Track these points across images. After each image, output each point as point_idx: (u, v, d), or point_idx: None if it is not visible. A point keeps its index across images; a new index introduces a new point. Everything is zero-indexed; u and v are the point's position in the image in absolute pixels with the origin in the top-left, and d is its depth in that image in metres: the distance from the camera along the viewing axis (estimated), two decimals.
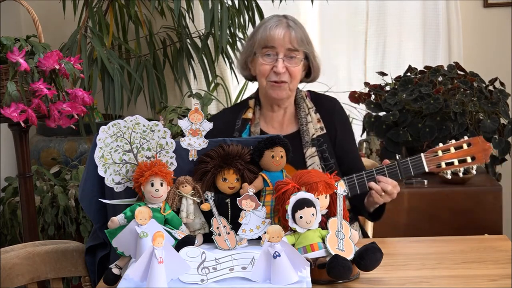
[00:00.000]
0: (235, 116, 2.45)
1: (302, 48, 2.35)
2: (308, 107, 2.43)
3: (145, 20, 3.57)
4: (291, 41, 2.33)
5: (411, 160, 2.24)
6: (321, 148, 2.37)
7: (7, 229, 3.18)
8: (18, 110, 2.36)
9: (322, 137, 2.39)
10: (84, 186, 2.04)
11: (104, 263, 2.05)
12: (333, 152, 2.39)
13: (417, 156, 2.25)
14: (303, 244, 1.82)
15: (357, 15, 3.92)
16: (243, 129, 2.41)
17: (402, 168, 2.24)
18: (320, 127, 2.41)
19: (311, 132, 2.39)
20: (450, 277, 1.84)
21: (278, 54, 2.33)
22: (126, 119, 1.99)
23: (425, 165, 2.24)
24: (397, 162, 2.25)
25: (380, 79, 3.59)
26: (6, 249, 2.01)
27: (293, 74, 2.35)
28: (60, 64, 2.44)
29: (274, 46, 2.34)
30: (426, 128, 3.23)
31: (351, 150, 2.45)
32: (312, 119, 2.41)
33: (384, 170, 2.24)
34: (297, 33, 2.34)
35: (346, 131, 2.45)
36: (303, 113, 2.42)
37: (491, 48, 3.86)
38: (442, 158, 2.24)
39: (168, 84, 3.66)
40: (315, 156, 2.35)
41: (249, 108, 2.46)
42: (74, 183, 3.18)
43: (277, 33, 2.33)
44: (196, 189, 1.96)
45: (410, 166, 2.24)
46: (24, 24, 3.73)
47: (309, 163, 2.34)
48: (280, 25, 2.35)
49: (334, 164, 2.36)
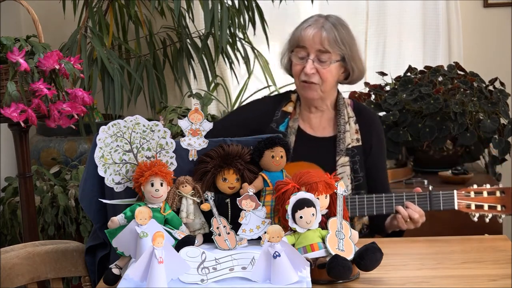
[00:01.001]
0: (275, 106, 2.43)
1: (335, 49, 2.31)
2: (349, 116, 2.40)
3: (145, 20, 3.57)
4: (322, 42, 2.30)
5: (443, 195, 2.24)
6: (354, 159, 2.35)
7: (7, 229, 3.18)
8: (18, 110, 2.36)
9: (356, 149, 2.37)
10: (84, 186, 2.04)
11: (104, 263, 2.05)
12: (363, 166, 2.37)
13: (449, 192, 2.25)
14: (303, 244, 1.82)
15: (357, 15, 3.92)
16: (281, 122, 2.39)
17: (433, 200, 2.24)
18: (356, 138, 2.38)
19: (347, 141, 2.36)
20: (450, 277, 1.84)
21: (309, 55, 2.31)
22: (126, 119, 1.99)
23: (455, 203, 2.24)
24: (429, 193, 2.24)
25: (380, 79, 3.59)
26: (6, 249, 2.01)
27: (323, 76, 2.31)
28: (60, 64, 2.44)
29: (305, 46, 2.32)
30: (426, 128, 3.22)
31: (380, 168, 2.43)
32: (351, 128, 2.38)
33: (414, 197, 2.24)
34: (329, 34, 2.30)
35: (380, 149, 2.43)
36: (343, 121, 2.39)
37: (491, 48, 3.86)
38: (474, 199, 2.26)
39: (168, 84, 3.66)
40: (346, 166, 2.33)
41: (290, 101, 2.43)
42: (74, 183, 3.18)
43: (308, 34, 2.31)
44: (196, 189, 1.96)
45: (441, 200, 2.24)
46: (24, 24, 3.73)
47: (339, 171, 2.32)
48: (314, 25, 2.32)
49: (362, 178, 2.35)
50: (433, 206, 2.24)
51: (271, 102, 2.46)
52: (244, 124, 2.27)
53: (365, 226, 2.38)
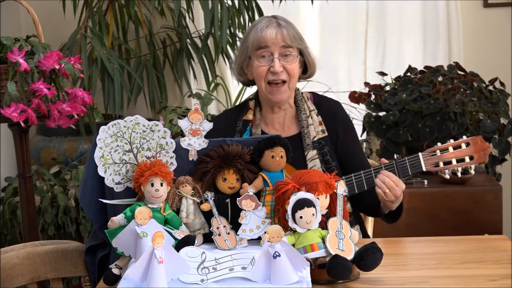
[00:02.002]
0: (235, 118, 2.45)
1: (295, 44, 2.34)
2: (310, 110, 2.42)
3: (145, 20, 3.57)
4: (284, 38, 2.33)
5: (408, 160, 2.24)
6: (322, 151, 2.37)
7: (7, 229, 3.19)
8: (18, 110, 2.36)
9: (323, 140, 2.38)
10: (84, 186, 2.04)
11: (104, 263, 2.05)
12: (334, 155, 2.38)
13: (414, 156, 2.24)
14: (303, 244, 1.82)
15: (357, 15, 3.92)
16: (244, 131, 2.41)
17: (400, 167, 2.24)
18: (321, 129, 2.39)
19: (312, 135, 2.38)
20: (450, 277, 1.84)
21: (273, 54, 2.33)
22: (126, 119, 1.99)
23: (422, 164, 2.23)
24: (395, 161, 2.24)
25: (380, 79, 3.60)
26: (6, 249, 2.01)
27: (291, 71, 2.34)
28: (60, 64, 2.44)
29: (268, 45, 2.33)
30: (426, 128, 3.23)
31: (355, 151, 2.43)
32: (314, 121, 2.40)
33: (381, 168, 2.24)
34: (288, 31, 2.34)
35: (349, 133, 2.44)
36: (304, 115, 2.40)
37: (491, 48, 3.86)
38: (440, 157, 2.23)
39: (168, 84, 3.66)
40: (316, 159, 2.34)
41: (249, 109, 2.45)
42: (74, 183, 3.18)
43: (269, 33, 2.33)
44: (196, 189, 1.96)
45: (407, 165, 2.24)
46: (24, 24, 3.73)
47: (310, 165, 2.33)
48: (271, 25, 2.35)
49: (335, 167, 2.35)
50: (402, 173, 2.23)
51: (230, 114, 2.49)
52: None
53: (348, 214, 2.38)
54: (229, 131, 2.40)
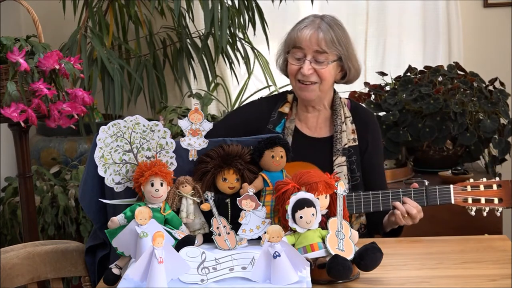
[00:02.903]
0: (271, 108, 2.43)
1: (332, 49, 2.30)
2: (345, 116, 2.39)
3: (145, 20, 3.57)
4: (319, 42, 2.29)
5: (439, 189, 2.23)
6: (351, 159, 2.35)
7: (7, 229, 3.19)
8: (18, 110, 2.36)
9: (353, 148, 2.36)
10: (84, 186, 2.04)
11: (104, 263, 2.05)
12: (360, 166, 2.37)
13: (446, 187, 2.24)
14: (303, 244, 1.82)
15: (357, 15, 3.92)
16: (278, 123, 2.39)
17: (429, 196, 2.24)
18: (353, 138, 2.38)
19: (343, 141, 2.36)
20: (450, 277, 1.84)
21: (306, 56, 2.31)
22: (126, 119, 1.99)
23: (452, 197, 2.23)
24: (425, 189, 2.23)
25: (380, 79, 3.59)
26: (6, 249, 2.01)
27: (322, 75, 2.31)
28: (60, 64, 2.44)
29: (301, 47, 2.32)
30: (426, 128, 3.22)
31: (377, 167, 2.43)
32: (347, 128, 2.38)
33: (410, 193, 2.24)
34: (326, 34, 2.29)
35: (376, 148, 2.43)
36: (339, 120, 2.38)
37: (491, 48, 3.86)
38: (470, 193, 2.24)
39: (168, 84, 3.66)
40: (343, 166, 2.33)
41: (286, 102, 2.43)
42: (74, 183, 3.18)
43: (304, 34, 2.30)
44: (196, 189, 1.96)
45: (437, 195, 2.23)
46: (24, 24, 3.73)
47: (337, 171, 2.32)
48: (310, 26, 2.31)
49: (359, 178, 2.35)
50: (430, 201, 2.23)
51: (267, 103, 2.46)
52: (241, 126, 2.27)
53: (362, 226, 2.38)
54: (262, 119, 2.38)
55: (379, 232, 2.40)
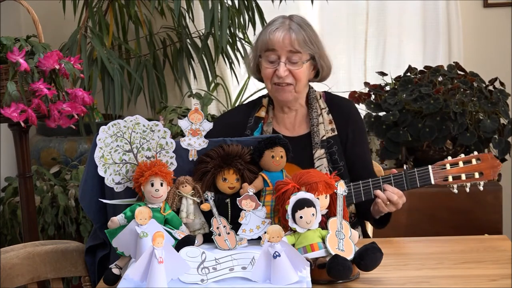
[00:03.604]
0: (248, 114, 2.44)
1: (305, 49, 2.31)
2: (321, 108, 2.40)
3: (145, 20, 3.57)
4: (292, 43, 2.30)
5: (418, 172, 2.23)
6: (331, 150, 2.35)
7: (7, 229, 3.19)
8: (18, 110, 2.36)
9: (332, 139, 2.37)
10: (84, 186, 2.04)
11: (104, 263, 2.05)
12: (342, 155, 2.37)
13: (424, 168, 2.23)
14: (303, 244, 1.82)
15: (357, 15, 3.92)
16: (255, 128, 2.40)
17: (409, 179, 2.23)
18: (331, 128, 2.38)
19: (321, 134, 2.37)
20: (450, 277, 1.84)
21: (280, 58, 2.31)
22: (126, 119, 1.99)
23: (432, 177, 2.22)
24: (404, 173, 2.23)
25: (380, 79, 3.60)
26: (6, 249, 2.01)
27: (297, 76, 2.32)
28: (60, 64, 2.45)
29: (275, 49, 2.32)
30: (426, 128, 3.23)
31: (362, 155, 2.42)
32: (324, 120, 2.38)
33: (390, 179, 2.23)
34: (298, 35, 2.30)
35: (359, 136, 2.42)
36: (315, 114, 2.39)
37: (491, 48, 3.86)
38: (450, 171, 2.22)
39: (168, 84, 3.66)
40: (323, 158, 2.33)
41: (262, 106, 2.44)
42: (74, 183, 3.19)
43: (276, 37, 2.31)
44: (196, 189, 1.96)
45: (416, 177, 2.22)
46: (24, 24, 3.73)
47: (317, 164, 2.32)
48: (281, 28, 2.32)
49: (343, 167, 2.34)
50: (411, 185, 2.23)
51: (243, 110, 2.48)
52: (222, 134, 2.28)
53: (352, 215, 2.38)
54: (241, 126, 2.39)
55: (369, 221, 2.39)
